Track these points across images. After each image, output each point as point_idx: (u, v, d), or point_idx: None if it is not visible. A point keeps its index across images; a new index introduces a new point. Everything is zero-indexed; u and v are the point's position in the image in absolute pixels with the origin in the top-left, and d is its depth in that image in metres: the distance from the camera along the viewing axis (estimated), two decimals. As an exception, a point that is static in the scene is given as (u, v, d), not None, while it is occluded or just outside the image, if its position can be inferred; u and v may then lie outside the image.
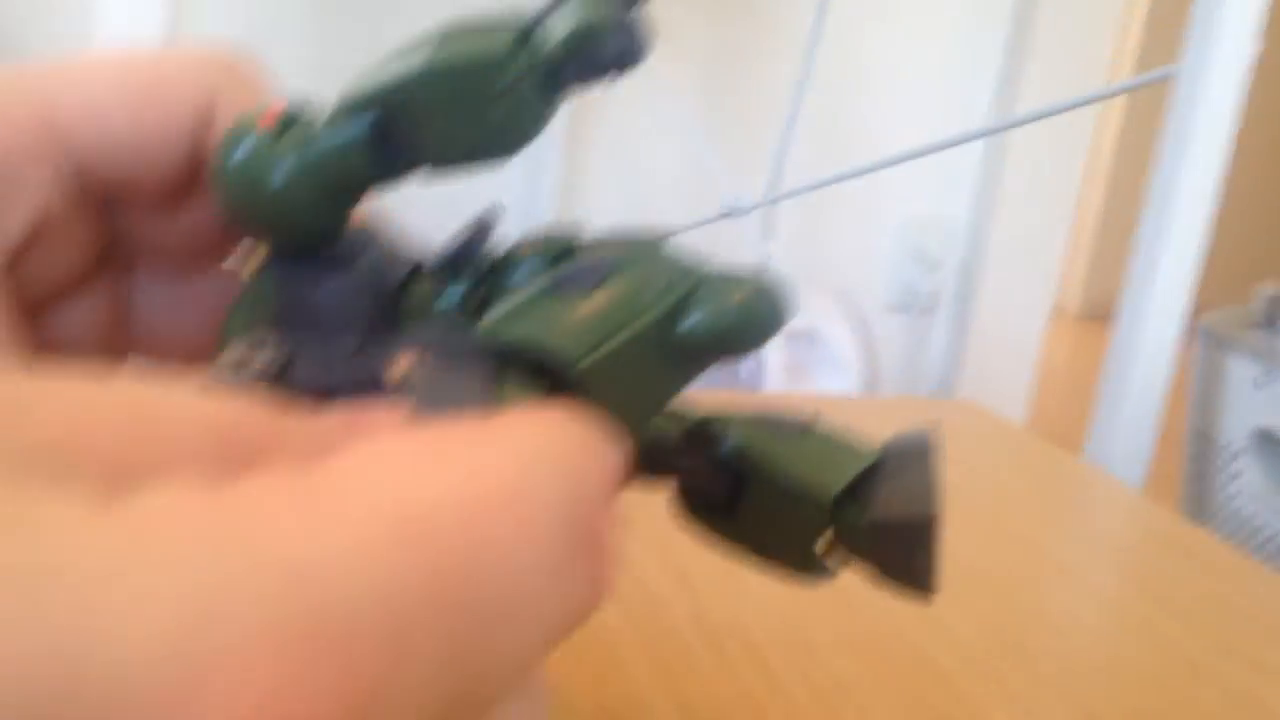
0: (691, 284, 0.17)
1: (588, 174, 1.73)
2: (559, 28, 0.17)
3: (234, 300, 0.21)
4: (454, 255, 0.20)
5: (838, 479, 0.20)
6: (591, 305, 0.17)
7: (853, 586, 0.37)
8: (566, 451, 0.13)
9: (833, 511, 0.20)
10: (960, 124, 1.87)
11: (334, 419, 0.15)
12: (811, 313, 1.21)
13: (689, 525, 0.22)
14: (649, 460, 0.20)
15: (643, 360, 0.17)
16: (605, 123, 1.71)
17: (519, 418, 0.14)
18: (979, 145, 1.54)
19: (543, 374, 0.17)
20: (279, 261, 0.20)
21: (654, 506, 0.23)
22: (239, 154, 0.19)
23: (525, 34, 0.18)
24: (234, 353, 0.18)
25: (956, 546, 0.42)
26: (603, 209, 1.74)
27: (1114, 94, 0.96)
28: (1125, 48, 3.49)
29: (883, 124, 1.83)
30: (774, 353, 1.32)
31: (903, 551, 0.20)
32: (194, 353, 0.23)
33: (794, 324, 1.32)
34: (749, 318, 0.17)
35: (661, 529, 0.38)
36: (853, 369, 1.34)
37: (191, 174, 0.21)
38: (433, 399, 0.15)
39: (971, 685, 0.33)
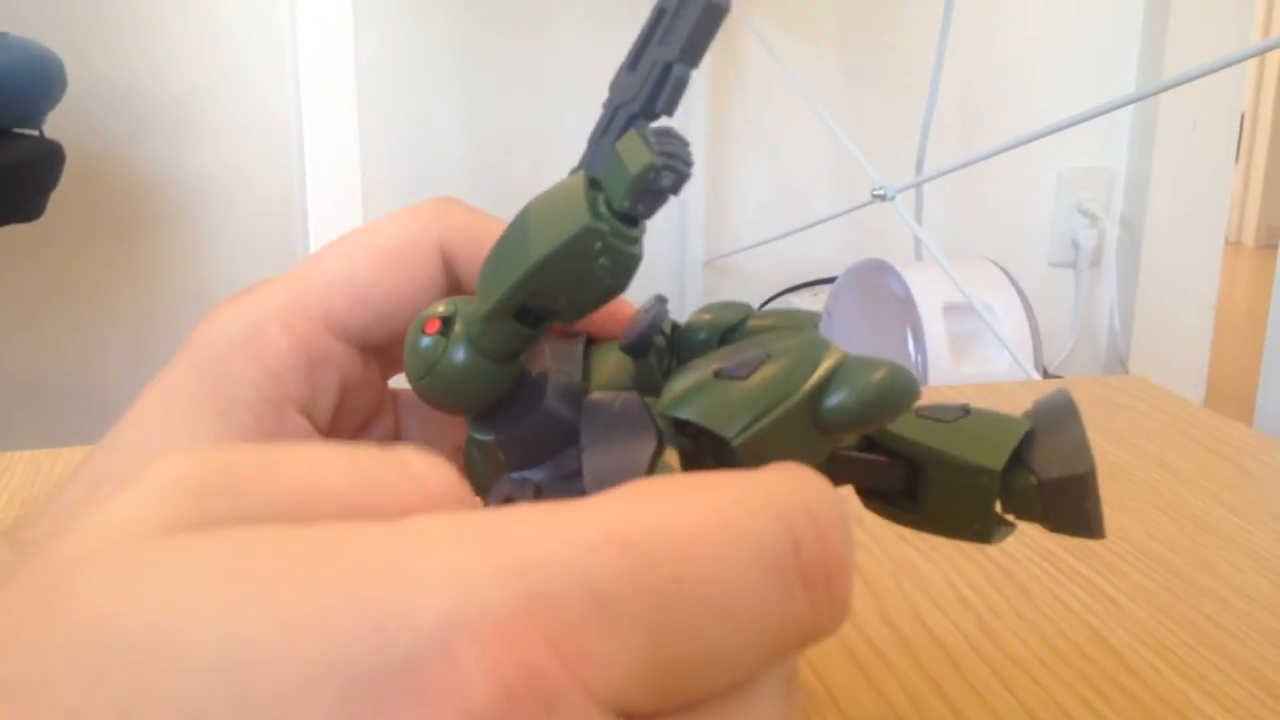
0: (831, 368, 0.21)
1: (733, 166, 1.76)
2: (618, 181, 0.20)
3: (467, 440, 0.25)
4: (634, 344, 0.24)
5: (1003, 449, 0.23)
6: (747, 389, 0.21)
7: (1028, 572, 0.40)
8: (786, 504, 0.17)
9: (1003, 478, 0.23)
10: (1107, 66, 1.83)
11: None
12: (969, 284, 1.22)
13: (877, 513, 0.25)
14: (833, 471, 0.24)
15: (791, 433, 0.21)
16: (748, 117, 1.73)
17: (752, 474, 0.18)
18: (1130, 93, 1.50)
19: (706, 448, 0.21)
20: (479, 418, 0.24)
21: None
22: (419, 353, 0.23)
23: (594, 184, 0.20)
24: (498, 497, 0.23)
25: (1126, 525, 0.45)
26: (751, 200, 1.77)
27: (1271, 48, 0.93)
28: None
29: (1027, 83, 1.80)
30: (934, 327, 1.33)
31: (1071, 504, 0.23)
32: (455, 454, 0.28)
33: (952, 297, 1.33)
34: (882, 397, 0.21)
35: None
36: (1015, 337, 1.34)
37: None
38: (602, 473, 0.20)
39: (1143, 659, 0.35)
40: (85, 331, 1.58)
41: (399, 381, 0.26)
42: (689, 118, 1.68)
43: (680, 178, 0.20)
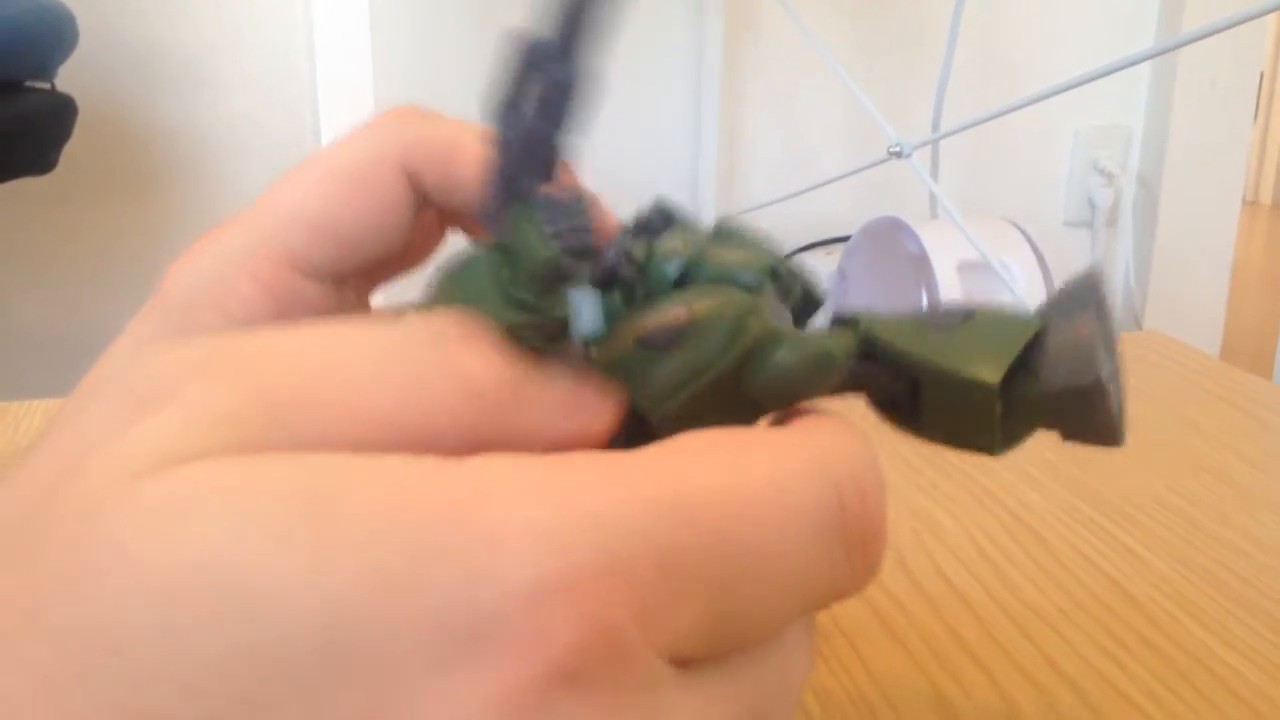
0: (757, 339, 0.20)
1: (746, 124, 1.74)
2: (520, 270, 0.19)
3: None
4: (598, 279, 0.21)
5: (1001, 360, 0.21)
6: (669, 364, 0.20)
7: (1046, 524, 0.40)
8: (836, 468, 0.17)
9: (1005, 388, 0.21)
10: (1125, 23, 1.80)
11: (559, 392, 0.19)
12: (985, 242, 1.21)
13: (890, 424, 0.23)
14: (846, 382, 0.22)
15: (714, 404, 0.20)
16: (762, 74, 1.71)
17: (800, 432, 0.18)
18: (1148, 49, 1.49)
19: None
20: None
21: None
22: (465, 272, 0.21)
23: (504, 254, 0.19)
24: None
25: (1146, 479, 0.44)
26: (764, 158, 1.76)
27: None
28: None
29: (1044, 40, 1.78)
30: (950, 285, 1.32)
31: (1081, 414, 0.21)
32: None
33: (968, 255, 1.32)
34: (809, 374, 0.20)
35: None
36: (1030, 296, 1.33)
37: (417, 223, 0.25)
38: None
39: (1164, 610, 0.35)
40: (97, 285, 1.58)
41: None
42: (701, 75, 1.67)
43: (584, 249, 0.19)
